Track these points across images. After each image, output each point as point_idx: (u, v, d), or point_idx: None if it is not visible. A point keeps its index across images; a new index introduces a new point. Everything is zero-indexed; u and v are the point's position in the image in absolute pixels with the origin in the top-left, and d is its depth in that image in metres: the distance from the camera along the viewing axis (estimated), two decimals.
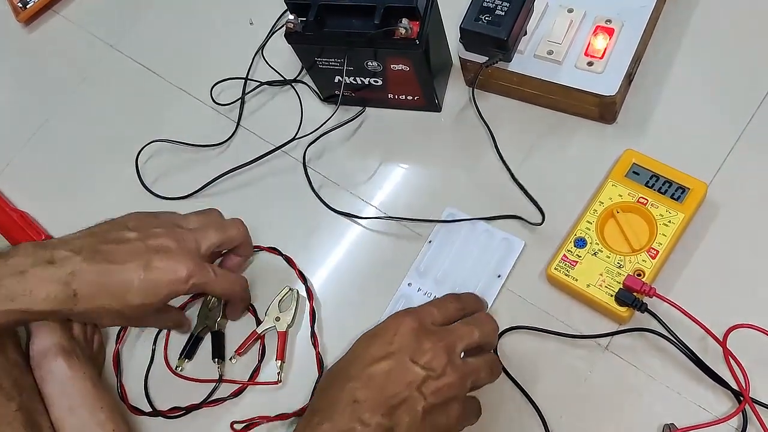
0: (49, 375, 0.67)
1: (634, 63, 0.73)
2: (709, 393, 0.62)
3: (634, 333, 0.65)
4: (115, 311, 0.62)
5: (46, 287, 0.60)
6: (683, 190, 0.68)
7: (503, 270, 0.71)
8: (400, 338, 0.56)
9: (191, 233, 0.66)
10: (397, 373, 0.54)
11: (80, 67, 0.94)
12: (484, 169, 0.76)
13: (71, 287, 0.60)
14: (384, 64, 0.74)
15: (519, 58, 0.74)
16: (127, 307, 0.62)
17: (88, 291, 0.61)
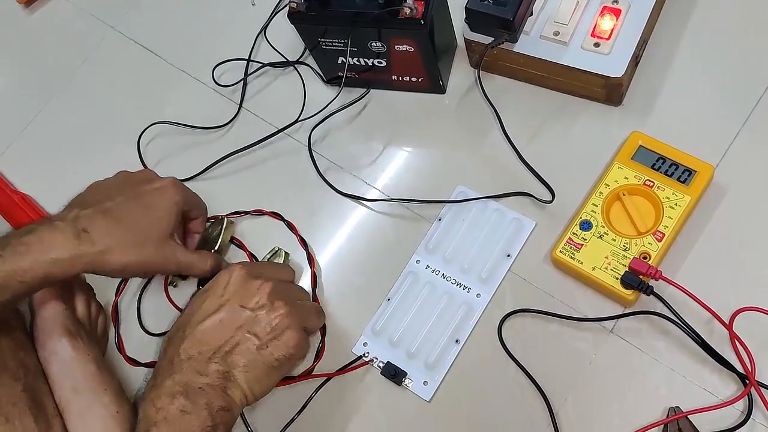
0: (53, 356, 0.67)
1: (641, 44, 0.72)
2: (714, 376, 0.62)
3: (640, 316, 0.65)
4: (135, 245, 0.63)
5: (59, 236, 0.61)
6: (690, 172, 0.67)
7: (513, 250, 0.70)
8: (231, 287, 0.62)
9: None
10: (227, 321, 0.61)
11: (81, 48, 0.93)
12: (490, 151, 0.75)
13: (82, 228, 0.61)
14: (388, 45, 0.73)
15: (525, 39, 0.73)
16: (145, 237, 0.64)
17: (102, 230, 0.62)
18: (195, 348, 0.60)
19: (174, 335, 0.62)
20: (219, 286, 0.63)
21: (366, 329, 0.70)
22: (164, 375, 0.59)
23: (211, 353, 0.59)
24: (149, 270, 0.69)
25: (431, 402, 0.66)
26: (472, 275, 0.70)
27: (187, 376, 0.58)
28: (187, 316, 0.62)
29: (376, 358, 0.68)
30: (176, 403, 0.56)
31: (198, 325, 0.60)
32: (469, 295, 0.69)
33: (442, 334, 0.68)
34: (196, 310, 0.62)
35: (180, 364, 0.59)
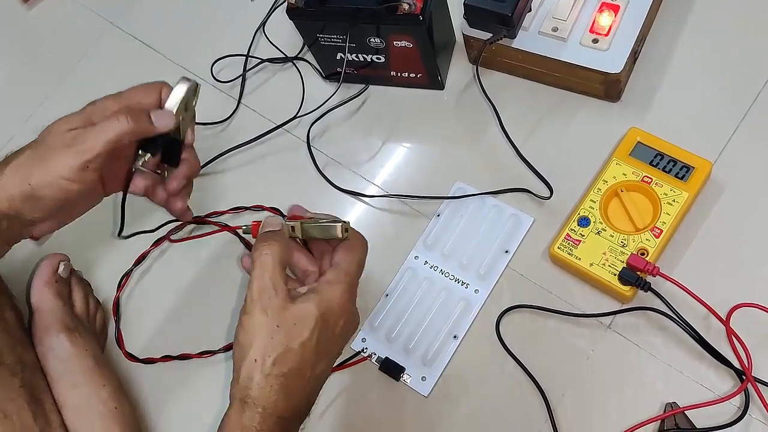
0: (51, 352, 0.67)
1: (640, 41, 0.72)
2: (711, 372, 0.62)
3: (637, 312, 0.65)
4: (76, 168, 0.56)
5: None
6: (688, 169, 0.67)
7: (511, 246, 0.70)
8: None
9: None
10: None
11: (80, 44, 0.93)
12: (488, 147, 0.75)
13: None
14: (387, 41, 0.73)
15: (523, 35, 0.73)
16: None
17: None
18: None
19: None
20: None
21: (364, 325, 0.70)
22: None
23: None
24: (62, 174, 0.56)
25: (429, 397, 0.66)
26: (470, 271, 0.70)
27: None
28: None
29: (374, 354, 0.68)
30: None
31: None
32: (467, 291, 0.69)
33: (440, 329, 0.68)
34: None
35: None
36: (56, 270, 0.71)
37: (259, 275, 0.53)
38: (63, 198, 0.58)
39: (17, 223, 0.59)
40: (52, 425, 0.63)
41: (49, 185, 0.56)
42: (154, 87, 0.61)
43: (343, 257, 0.57)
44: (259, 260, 0.54)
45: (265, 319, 0.52)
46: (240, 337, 0.53)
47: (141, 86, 0.62)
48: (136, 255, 0.77)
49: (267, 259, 0.54)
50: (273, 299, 0.53)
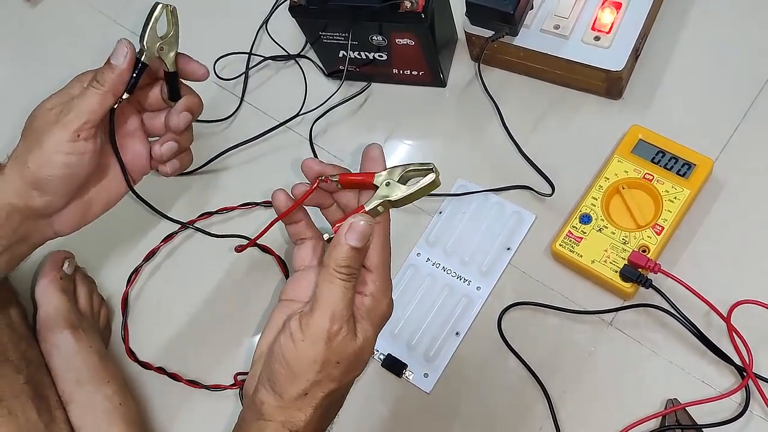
0: (55, 348, 0.67)
1: (641, 38, 0.72)
2: (712, 368, 0.62)
3: (638, 309, 0.65)
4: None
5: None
6: (689, 166, 0.67)
7: (513, 243, 0.71)
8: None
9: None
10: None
11: (83, 41, 0.93)
12: (490, 144, 0.75)
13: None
14: (389, 39, 0.73)
15: (525, 33, 0.73)
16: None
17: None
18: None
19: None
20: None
21: None
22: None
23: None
24: (55, 147, 0.56)
25: (431, 394, 0.67)
26: (472, 268, 0.70)
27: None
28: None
29: (377, 351, 0.69)
30: None
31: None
32: (469, 288, 0.70)
33: (442, 326, 0.69)
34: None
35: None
36: (61, 267, 0.71)
37: (338, 300, 0.47)
38: (65, 174, 0.56)
39: (32, 217, 0.58)
40: (57, 421, 0.63)
41: (47, 163, 0.55)
42: (118, 47, 0.59)
43: (381, 267, 0.50)
44: (339, 288, 0.47)
45: (329, 353, 0.47)
46: (291, 361, 0.47)
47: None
48: (147, 250, 0.77)
49: (346, 295, 0.48)
50: (343, 332, 0.47)
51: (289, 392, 0.48)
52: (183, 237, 0.78)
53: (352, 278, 0.48)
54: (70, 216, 0.60)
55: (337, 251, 0.47)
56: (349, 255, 0.48)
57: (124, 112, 0.62)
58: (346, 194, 0.53)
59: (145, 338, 0.74)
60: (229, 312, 0.74)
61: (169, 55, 0.59)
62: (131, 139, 0.62)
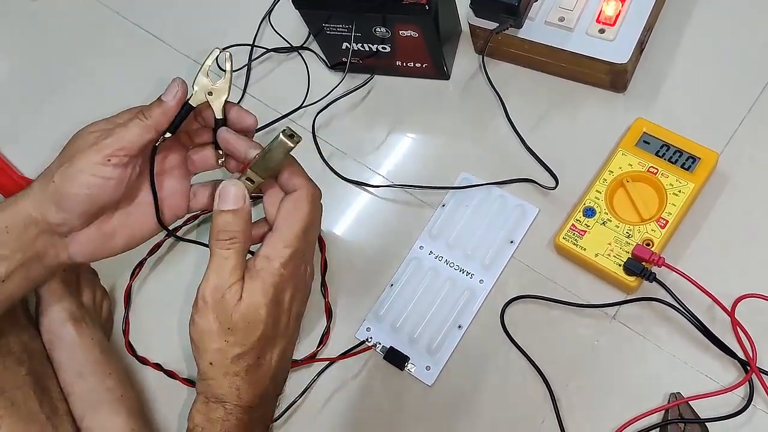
0: (58, 341, 0.67)
1: (646, 31, 0.72)
2: (716, 362, 0.62)
3: (642, 302, 0.65)
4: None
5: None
6: (694, 159, 0.67)
7: (516, 236, 0.70)
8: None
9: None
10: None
11: (84, 34, 0.93)
12: (494, 136, 0.75)
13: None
14: (392, 30, 0.73)
15: (529, 25, 0.72)
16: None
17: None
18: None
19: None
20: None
21: (369, 314, 0.70)
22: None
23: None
24: (78, 173, 0.55)
25: (433, 387, 0.67)
26: (475, 261, 0.70)
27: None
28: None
29: (379, 343, 0.69)
30: None
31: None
32: (472, 281, 0.70)
33: (444, 319, 0.68)
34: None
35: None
36: None
37: (215, 272, 0.52)
38: (85, 195, 0.55)
39: (48, 232, 0.57)
40: (59, 413, 0.63)
41: (71, 180, 0.55)
42: (171, 85, 0.59)
43: (283, 218, 0.54)
44: (217, 255, 0.52)
45: (218, 325, 0.52)
46: (194, 337, 0.53)
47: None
48: (151, 244, 0.76)
49: (225, 258, 0.52)
50: (226, 297, 0.51)
51: (201, 366, 0.53)
52: (186, 230, 0.78)
53: (234, 243, 0.52)
54: (88, 241, 0.59)
55: (214, 221, 0.52)
56: (225, 220, 0.52)
57: (171, 148, 0.61)
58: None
59: (146, 332, 0.74)
60: None
61: (217, 101, 0.59)
62: (170, 175, 0.62)
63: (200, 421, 0.53)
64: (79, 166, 0.55)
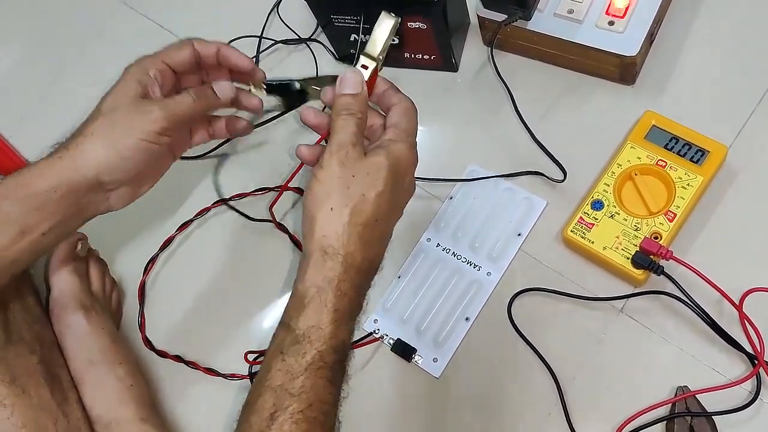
0: (68, 329, 0.68)
1: (656, 23, 0.72)
2: (723, 356, 0.62)
3: (650, 296, 0.65)
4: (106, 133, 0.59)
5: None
6: (702, 153, 0.67)
7: (524, 229, 0.71)
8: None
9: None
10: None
11: (92, 23, 0.93)
12: (502, 129, 0.75)
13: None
14: (401, 22, 0.72)
15: (538, 17, 0.72)
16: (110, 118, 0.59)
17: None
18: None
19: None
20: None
21: (377, 306, 0.70)
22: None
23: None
24: (140, 136, 0.59)
25: (440, 379, 0.67)
26: (482, 254, 0.70)
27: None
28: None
29: (386, 335, 0.69)
30: None
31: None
32: (479, 274, 0.70)
33: (452, 311, 0.69)
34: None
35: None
36: (75, 248, 0.71)
37: (340, 132, 0.55)
38: (144, 159, 0.59)
39: (96, 192, 0.59)
40: (69, 401, 0.64)
41: (134, 147, 0.58)
42: (185, 45, 0.64)
43: (401, 118, 0.58)
44: (342, 121, 0.55)
45: (342, 169, 0.53)
46: (315, 189, 0.54)
47: (172, 45, 0.64)
48: (163, 239, 0.77)
49: (349, 122, 0.55)
50: (350, 152, 0.54)
51: (314, 217, 0.53)
52: (197, 224, 0.78)
53: (353, 116, 0.55)
54: (125, 192, 0.62)
55: (335, 103, 0.56)
56: (346, 101, 0.56)
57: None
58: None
59: (160, 326, 0.74)
60: (243, 298, 0.74)
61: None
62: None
63: (313, 279, 0.52)
64: (137, 134, 0.58)
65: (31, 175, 0.58)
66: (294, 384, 0.50)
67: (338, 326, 0.52)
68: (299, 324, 0.51)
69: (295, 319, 0.52)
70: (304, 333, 0.51)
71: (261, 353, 0.70)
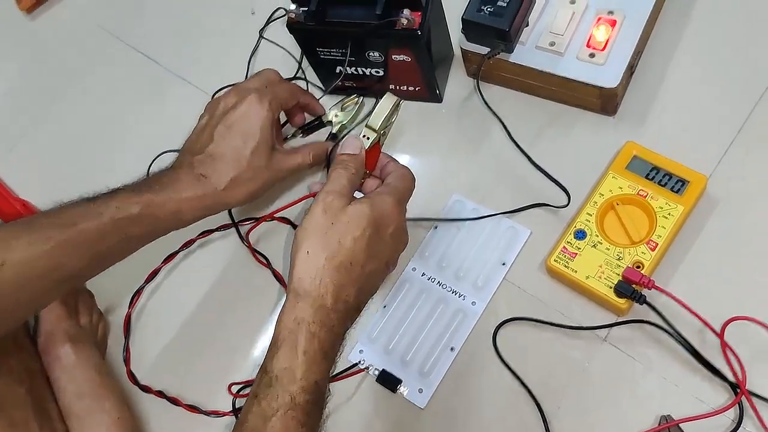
0: (56, 361, 0.68)
1: (636, 55, 0.73)
2: (706, 385, 0.63)
3: (633, 325, 0.65)
4: (249, 177, 0.68)
5: (184, 179, 0.66)
6: (683, 182, 0.68)
7: (508, 258, 0.71)
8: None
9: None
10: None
11: (82, 56, 0.95)
12: (486, 158, 0.76)
13: (200, 173, 0.67)
14: (385, 55, 0.74)
15: (521, 50, 0.73)
16: (255, 165, 0.68)
17: (216, 173, 0.67)
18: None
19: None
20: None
21: (362, 336, 0.71)
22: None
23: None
24: (267, 187, 0.71)
25: (426, 409, 0.67)
26: (467, 283, 0.71)
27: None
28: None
29: (371, 366, 0.69)
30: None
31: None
32: (464, 303, 0.70)
33: (437, 341, 0.69)
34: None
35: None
36: None
37: (331, 182, 0.59)
38: (249, 197, 0.69)
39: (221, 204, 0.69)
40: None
41: (262, 189, 0.70)
42: (301, 94, 0.76)
43: (396, 179, 0.63)
44: (336, 173, 0.60)
45: (324, 216, 0.57)
46: (299, 234, 0.57)
47: (301, 90, 0.77)
48: (148, 270, 0.77)
49: (342, 174, 0.60)
50: (335, 201, 0.58)
51: (294, 260, 0.56)
52: (182, 256, 0.78)
53: (346, 170, 0.60)
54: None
55: (334, 159, 0.62)
56: (344, 159, 0.62)
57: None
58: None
59: (145, 359, 0.75)
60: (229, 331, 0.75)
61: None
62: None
63: (286, 321, 0.54)
64: (244, 194, 0.69)
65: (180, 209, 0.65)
66: (266, 427, 0.50)
67: (309, 367, 0.52)
68: (273, 366, 0.52)
69: (270, 362, 0.53)
70: (277, 375, 0.52)
71: (245, 384, 0.70)
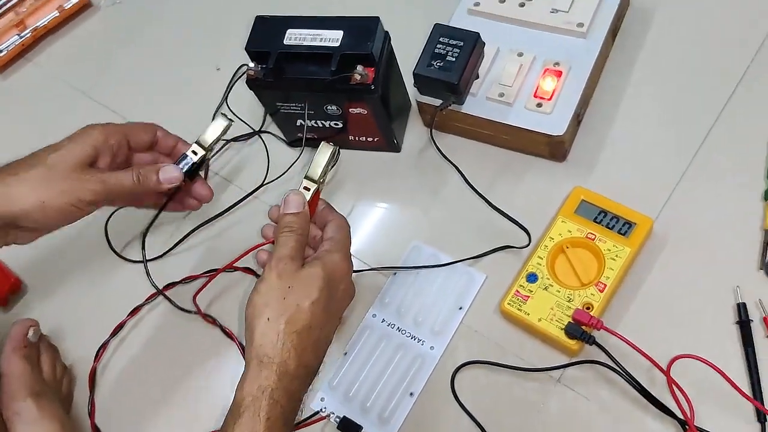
0: (17, 416, 0.68)
1: (582, 104, 0.76)
2: (656, 423, 0.64)
3: (584, 365, 0.67)
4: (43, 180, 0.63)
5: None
6: (630, 225, 0.70)
7: (465, 302, 0.73)
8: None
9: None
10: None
11: (54, 114, 0.97)
12: (444, 204, 0.79)
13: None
14: (343, 108, 0.76)
15: (472, 101, 0.76)
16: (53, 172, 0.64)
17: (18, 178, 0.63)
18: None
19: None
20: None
21: (323, 384, 0.72)
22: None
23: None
24: (71, 201, 0.64)
25: None
26: (425, 328, 0.72)
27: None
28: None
29: (332, 413, 0.70)
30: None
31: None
32: (423, 348, 0.71)
33: (396, 387, 0.70)
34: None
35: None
36: (26, 335, 0.72)
37: (281, 247, 0.61)
38: (64, 219, 0.65)
39: (7, 227, 0.64)
40: None
41: (60, 209, 0.64)
42: (150, 129, 0.71)
43: (336, 232, 0.65)
44: (284, 237, 0.61)
45: (279, 281, 0.59)
46: (255, 300, 0.58)
47: (139, 124, 0.71)
48: (114, 324, 0.78)
49: (290, 237, 0.61)
50: (288, 266, 0.59)
51: (253, 327, 0.57)
52: (148, 309, 0.79)
53: (294, 233, 0.62)
54: (35, 234, 0.67)
55: (279, 223, 0.63)
56: (289, 220, 0.62)
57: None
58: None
59: (110, 412, 0.75)
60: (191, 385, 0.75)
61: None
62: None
63: (249, 388, 0.56)
64: (69, 198, 0.63)
65: None
66: None
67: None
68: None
69: (231, 428, 0.54)
70: None
71: None
